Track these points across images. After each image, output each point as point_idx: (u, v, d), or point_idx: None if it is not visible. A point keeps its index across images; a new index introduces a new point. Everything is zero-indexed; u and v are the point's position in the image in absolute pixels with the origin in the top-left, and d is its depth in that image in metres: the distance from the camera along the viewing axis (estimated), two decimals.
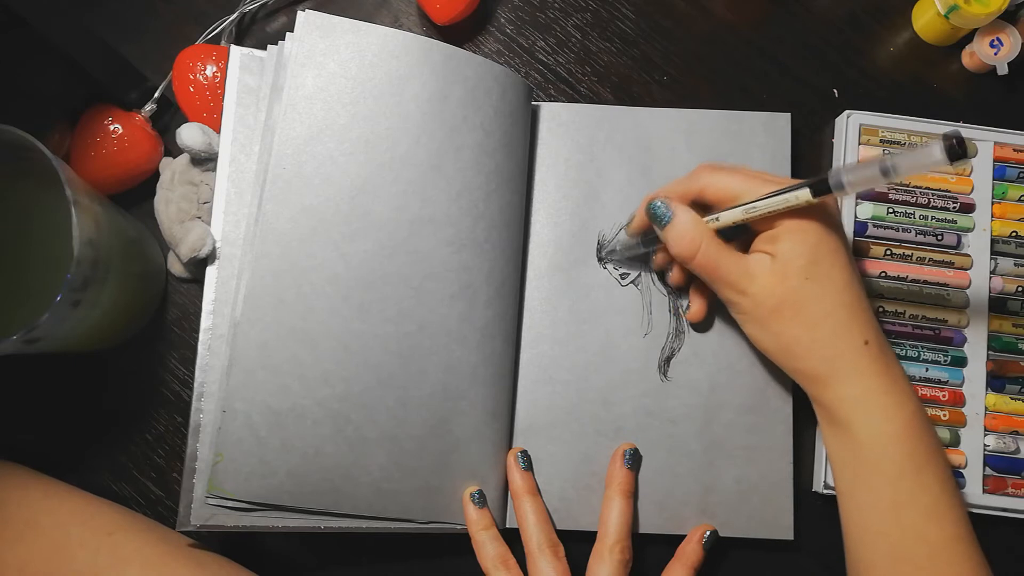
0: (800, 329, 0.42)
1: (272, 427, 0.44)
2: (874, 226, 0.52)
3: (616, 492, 0.47)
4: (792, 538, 0.49)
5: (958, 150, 0.34)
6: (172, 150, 0.53)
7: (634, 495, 0.48)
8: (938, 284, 0.51)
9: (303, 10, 0.47)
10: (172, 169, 0.51)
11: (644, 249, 0.49)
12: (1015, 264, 0.52)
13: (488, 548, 0.46)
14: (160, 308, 0.52)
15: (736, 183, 0.43)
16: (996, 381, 0.51)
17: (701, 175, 0.45)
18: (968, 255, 0.52)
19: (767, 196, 0.42)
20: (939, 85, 0.57)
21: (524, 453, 0.48)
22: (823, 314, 0.42)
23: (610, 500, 0.47)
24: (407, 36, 0.47)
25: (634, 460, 0.48)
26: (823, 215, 0.42)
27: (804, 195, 0.40)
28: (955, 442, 0.50)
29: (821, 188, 0.40)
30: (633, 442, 0.49)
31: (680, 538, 0.48)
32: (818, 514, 0.50)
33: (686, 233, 0.44)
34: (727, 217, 0.43)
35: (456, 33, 0.56)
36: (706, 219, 0.44)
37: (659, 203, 0.45)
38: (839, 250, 0.43)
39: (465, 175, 0.48)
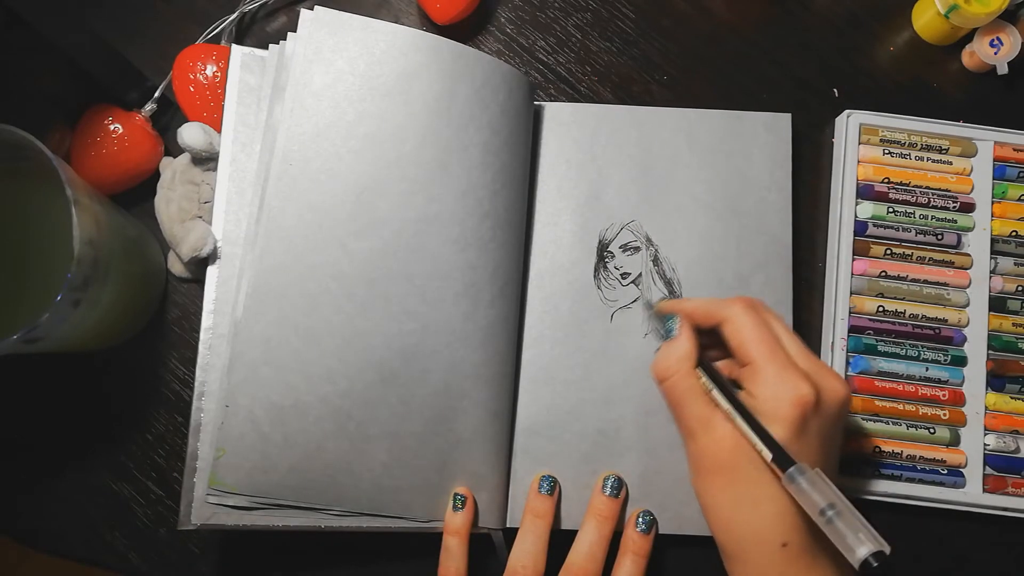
0: (724, 500, 0.40)
1: (274, 423, 0.44)
2: (874, 225, 0.52)
3: (590, 516, 0.47)
4: None
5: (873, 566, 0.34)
6: (172, 150, 0.53)
7: (617, 520, 0.47)
8: (938, 283, 0.52)
9: (303, 9, 0.47)
10: (173, 168, 0.51)
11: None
12: (1015, 263, 0.52)
13: (450, 558, 0.45)
14: (160, 308, 0.52)
15: (752, 345, 0.41)
16: (996, 380, 0.51)
17: (733, 309, 0.42)
18: (968, 254, 0.52)
19: (740, 412, 0.39)
20: (939, 85, 0.57)
21: (548, 478, 0.48)
22: (753, 501, 0.39)
23: (583, 525, 0.47)
24: (416, 33, 0.47)
25: (617, 488, 0.48)
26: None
27: (766, 454, 0.38)
28: (955, 441, 0.50)
29: (782, 463, 0.37)
30: (632, 444, 0.49)
31: (681, 538, 0.48)
32: None
33: (669, 359, 0.42)
34: (709, 389, 0.42)
35: (456, 33, 0.56)
36: (699, 368, 0.42)
37: (672, 319, 0.44)
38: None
39: (471, 174, 0.48)
